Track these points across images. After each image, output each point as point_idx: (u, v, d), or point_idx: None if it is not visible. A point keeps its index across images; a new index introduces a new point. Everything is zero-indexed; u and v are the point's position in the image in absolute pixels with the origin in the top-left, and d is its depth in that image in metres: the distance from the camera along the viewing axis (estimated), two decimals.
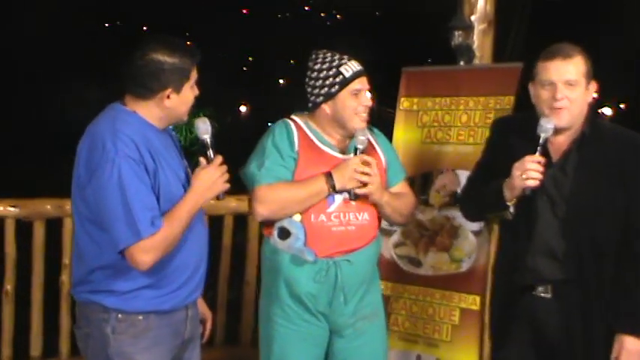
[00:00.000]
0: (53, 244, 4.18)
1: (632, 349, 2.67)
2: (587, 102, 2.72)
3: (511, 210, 2.69)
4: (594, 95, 2.76)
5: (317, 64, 2.95)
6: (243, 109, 33.86)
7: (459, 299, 3.81)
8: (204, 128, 2.59)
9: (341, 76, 2.89)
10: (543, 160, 2.62)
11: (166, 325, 2.54)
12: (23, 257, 4.15)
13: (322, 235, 2.87)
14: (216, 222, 4.38)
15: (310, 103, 2.97)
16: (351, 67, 2.91)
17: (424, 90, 4.12)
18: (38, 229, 4.14)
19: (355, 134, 2.91)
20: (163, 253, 2.40)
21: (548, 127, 2.63)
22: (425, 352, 3.90)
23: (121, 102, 2.53)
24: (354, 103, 2.90)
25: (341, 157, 2.92)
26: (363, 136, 2.90)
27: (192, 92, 2.55)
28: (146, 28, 27.34)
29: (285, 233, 2.85)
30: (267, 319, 2.99)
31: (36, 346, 4.20)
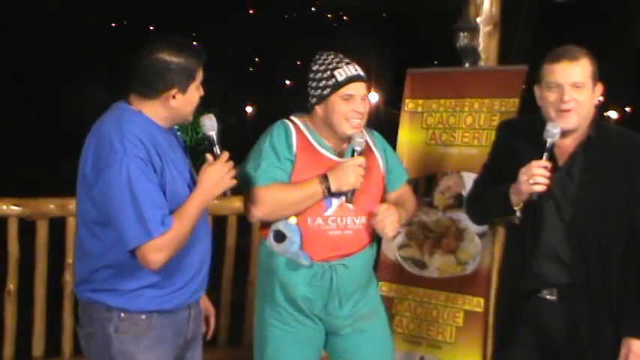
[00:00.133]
0: (56, 244, 4.17)
1: (639, 353, 2.66)
2: (594, 104, 2.70)
3: (518, 214, 2.67)
4: (600, 98, 2.74)
5: (316, 65, 2.93)
6: (249, 109, 33.89)
7: (464, 301, 3.81)
8: (210, 125, 2.59)
9: (333, 80, 2.86)
10: (550, 165, 2.61)
11: (169, 324, 2.54)
12: (26, 256, 4.15)
13: (318, 238, 2.85)
14: (220, 222, 4.37)
15: (308, 105, 2.96)
16: (346, 71, 2.87)
17: (429, 92, 4.12)
18: (41, 229, 4.13)
19: (352, 137, 2.88)
20: (174, 252, 2.41)
21: (554, 132, 2.61)
22: (428, 354, 3.89)
23: (126, 101, 2.53)
24: (345, 107, 2.85)
25: (338, 159, 2.90)
26: (361, 139, 2.87)
27: (198, 92, 2.55)
28: (152, 28, 27.38)
29: (280, 236, 2.83)
30: (261, 320, 2.98)
31: (38, 345, 4.20)
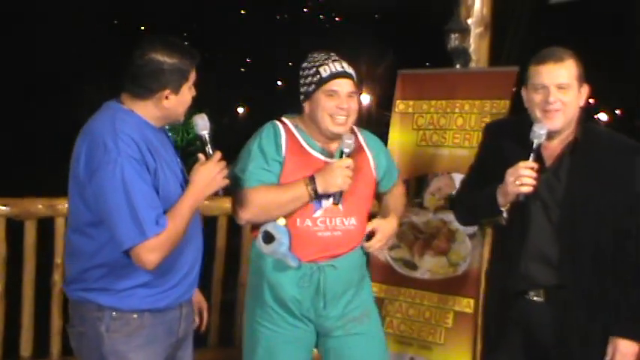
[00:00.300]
0: (44, 244, 4.15)
1: (626, 352, 2.68)
2: (580, 105, 2.72)
3: (505, 215, 2.68)
4: (589, 100, 2.75)
5: (305, 63, 2.93)
6: (240, 110, 33.85)
7: (454, 302, 3.81)
8: (202, 124, 2.59)
9: (318, 76, 2.86)
10: (536, 165, 2.61)
11: (160, 323, 2.54)
12: (14, 256, 4.13)
13: (307, 240, 2.85)
14: (211, 222, 4.36)
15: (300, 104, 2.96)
16: (330, 67, 2.86)
17: (420, 93, 4.12)
18: (30, 229, 4.11)
19: (341, 138, 2.87)
20: (169, 251, 2.42)
21: (541, 133, 2.62)
22: (418, 355, 3.89)
23: (118, 100, 2.53)
24: (329, 104, 2.85)
25: (328, 160, 2.89)
26: (349, 140, 2.86)
27: (190, 93, 2.56)
28: (144, 28, 27.33)
29: (269, 237, 2.83)
30: (252, 321, 2.98)
31: (26, 346, 4.17)
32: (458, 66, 4.48)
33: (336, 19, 36.26)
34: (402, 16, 22.59)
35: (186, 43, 2.59)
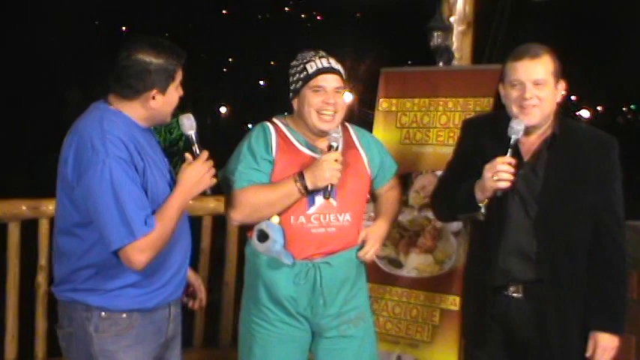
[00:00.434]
0: (28, 246, 4.12)
1: (606, 346, 2.71)
2: (557, 101, 2.74)
3: (483, 211, 2.69)
4: (571, 97, 2.76)
5: (294, 61, 2.94)
6: (223, 109, 33.78)
7: (440, 300, 3.82)
8: (188, 124, 2.59)
9: (305, 72, 2.87)
10: (514, 161, 2.63)
11: (149, 323, 2.55)
12: None
13: (302, 237, 2.85)
14: (195, 223, 4.33)
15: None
16: (317, 63, 2.87)
17: (403, 91, 4.13)
18: (13, 231, 4.08)
19: (328, 133, 2.87)
20: (158, 252, 2.42)
21: (518, 128, 2.64)
22: (405, 353, 3.90)
23: (105, 101, 2.52)
24: (315, 99, 2.85)
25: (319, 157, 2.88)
26: (337, 134, 2.86)
27: (177, 93, 2.57)
28: (125, 28, 27.21)
29: (263, 236, 2.84)
30: (247, 320, 2.98)
31: (11, 348, 4.14)
32: (441, 64, 4.50)
33: (317, 17, 36.28)
34: (384, 14, 22.63)
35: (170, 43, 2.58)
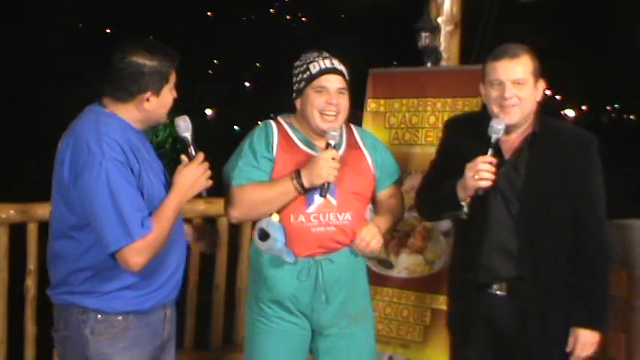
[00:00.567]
0: (16, 250, 4.10)
1: (586, 342, 2.73)
2: (537, 100, 2.77)
3: (465, 210, 2.71)
4: (555, 96, 2.79)
5: (297, 62, 2.96)
6: (208, 112, 33.73)
7: (431, 300, 3.82)
8: (184, 126, 2.60)
9: (308, 73, 2.89)
10: (495, 160, 2.65)
11: (145, 325, 2.54)
12: None
13: (302, 235, 2.86)
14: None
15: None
16: (320, 64, 2.89)
17: (391, 91, 4.13)
18: (2, 235, 4.05)
19: (327, 130, 2.87)
20: (154, 254, 2.42)
21: (498, 128, 2.67)
22: (397, 353, 3.90)
23: (100, 103, 2.52)
24: (318, 100, 2.87)
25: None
26: (335, 132, 2.86)
27: (171, 95, 2.57)
28: (109, 31, 27.12)
29: (265, 235, 2.85)
30: (250, 318, 3.01)
31: (0, 354, 4.11)
32: (429, 64, 4.51)
33: (303, 19, 36.30)
34: (370, 15, 22.67)
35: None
